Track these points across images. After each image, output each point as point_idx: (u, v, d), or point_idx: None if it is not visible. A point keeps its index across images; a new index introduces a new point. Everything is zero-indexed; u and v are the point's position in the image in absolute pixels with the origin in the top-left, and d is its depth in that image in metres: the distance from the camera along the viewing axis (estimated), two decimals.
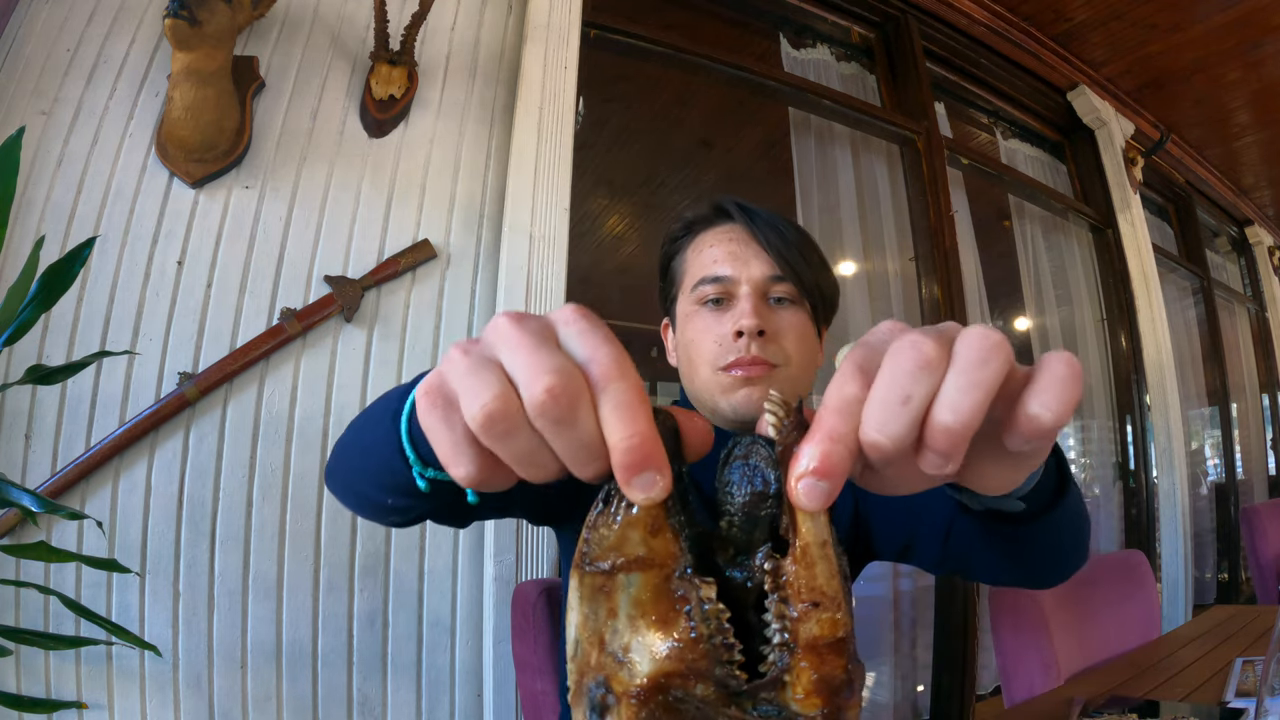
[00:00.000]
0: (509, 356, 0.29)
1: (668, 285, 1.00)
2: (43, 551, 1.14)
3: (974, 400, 0.29)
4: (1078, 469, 3.49)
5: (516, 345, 0.29)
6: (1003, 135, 3.35)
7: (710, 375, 0.89)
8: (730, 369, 0.87)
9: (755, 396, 0.86)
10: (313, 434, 1.54)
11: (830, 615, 0.29)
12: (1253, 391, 4.81)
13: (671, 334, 1.01)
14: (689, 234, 0.97)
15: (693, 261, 0.94)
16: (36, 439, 1.35)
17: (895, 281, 2.70)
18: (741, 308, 0.87)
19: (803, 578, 0.29)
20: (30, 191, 1.39)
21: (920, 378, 0.29)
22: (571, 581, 0.31)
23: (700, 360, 0.90)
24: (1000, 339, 0.30)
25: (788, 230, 0.92)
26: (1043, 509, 0.56)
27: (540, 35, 1.90)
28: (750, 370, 0.86)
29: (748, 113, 3.37)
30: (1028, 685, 1.41)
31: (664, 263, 1.01)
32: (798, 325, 0.91)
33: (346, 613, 1.53)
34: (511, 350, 0.29)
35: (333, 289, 1.59)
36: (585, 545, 0.30)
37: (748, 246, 0.91)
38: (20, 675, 1.29)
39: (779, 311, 0.90)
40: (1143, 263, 3.42)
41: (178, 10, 1.30)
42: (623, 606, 0.30)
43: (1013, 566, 0.71)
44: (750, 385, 0.87)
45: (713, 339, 0.89)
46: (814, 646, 0.29)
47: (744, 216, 0.93)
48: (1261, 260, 5.07)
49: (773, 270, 0.90)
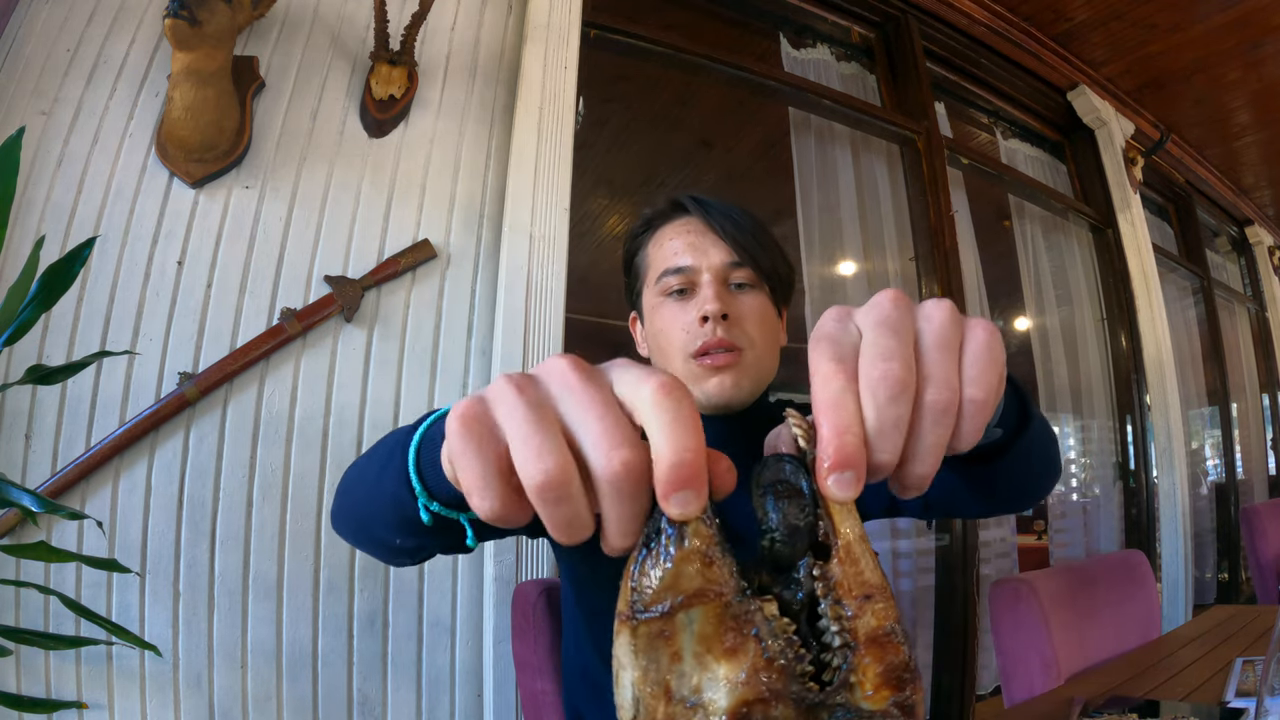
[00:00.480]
0: (577, 416, 0.30)
1: (632, 280, 1.04)
2: (43, 551, 1.14)
3: (940, 443, 0.33)
4: (1078, 468, 3.49)
5: (586, 405, 0.30)
6: (1003, 135, 3.35)
7: (682, 365, 0.93)
8: (700, 355, 0.91)
9: (727, 384, 0.91)
10: (313, 434, 1.54)
11: (883, 605, 0.30)
12: (1253, 391, 4.81)
13: (640, 327, 1.05)
14: (649, 230, 1.01)
15: (655, 255, 0.99)
16: (36, 439, 1.35)
17: (895, 281, 2.70)
18: (705, 294, 0.92)
19: (851, 574, 0.31)
20: (30, 191, 1.39)
21: (901, 400, 0.32)
22: (619, 639, 0.30)
23: (671, 349, 0.94)
24: (947, 338, 0.35)
25: (742, 218, 0.97)
26: (1012, 437, 0.58)
27: (540, 35, 1.90)
28: (718, 358, 0.91)
29: (748, 113, 3.37)
30: (1028, 685, 1.41)
31: (627, 259, 1.05)
32: (759, 308, 0.96)
33: (346, 613, 1.53)
34: (581, 410, 0.30)
35: (333, 289, 1.59)
36: (634, 595, 0.29)
37: (705, 236, 0.95)
38: (20, 675, 1.29)
39: (740, 296, 0.95)
40: (1143, 262, 3.42)
41: (178, 10, 1.30)
42: (687, 646, 0.29)
43: (996, 498, 0.75)
44: (721, 373, 0.91)
45: (680, 327, 0.93)
46: (874, 639, 0.30)
47: (699, 209, 0.97)
48: (1261, 260, 5.07)
49: (731, 257, 0.94)
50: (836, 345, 0.34)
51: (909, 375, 0.32)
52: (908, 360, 0.33)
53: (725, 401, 0.92)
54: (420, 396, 1.65)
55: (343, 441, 1.57)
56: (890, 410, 0.32)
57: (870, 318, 0.35)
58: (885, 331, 0.33)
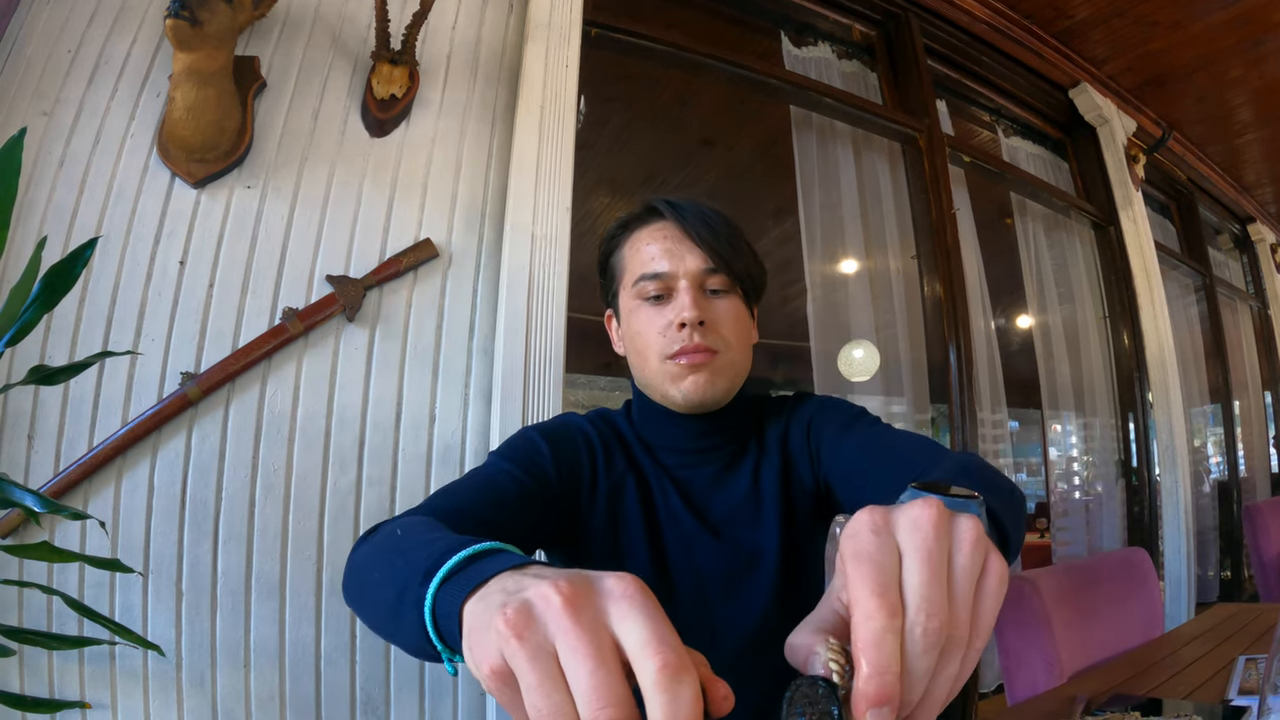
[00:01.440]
0: (570, 662, 0.34)
1: (608, 281, 1.06)
2: (46, 552, 1.15)
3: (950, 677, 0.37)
4: (1080, 466, 3.49)
5: (579, 655, 0.33)
6: (1004, 133, 3.35)
7: (659, 365, 0.95)
8: (677, 356, 0.93)
9: (701, 381, 0.93)
10: (315, 433, 1.55)
11: None
12: (1255, 389, 4.81)
13: (614, 324, 1.07)
14: (624, 231, 1.03)
15: (631, 259, 1.00)
16: (39, 439, 1.35)
17: (897, 279, 2.70)
18: (682, 301, 0.94)
19: None
20: (32, 192, 1.39)
21: (934, 652, 0.36)
22: None
23: (649, 352, 0.96)
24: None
25: (716, 222, 0.98)
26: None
27: (541, 34, 1.90)
28: (694, 357, 0.93)
29: (749, 111, 3.37)
30: (1030, 683, 1.41)
31: (602, 260, 1.07)
32: (733, 311, 0.98)
33: (349, 612, 1.53)
34: (574, 658, 0.34)
35: (335, 288, 1.59)
36: None
37: (681, 243, 0.97)
38: (24, 675, 1.29)
39: (715, 301, 0.97)
40: (1145, 260, 3.41)
41: (179, 11, 1.30)
42: None
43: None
44: (696, 372, 0.94)
45: (657, 331, 0.95)
46: None
47: (674, 213, 0.98)
48: (1264, 257, 5.06)
49: (706, 264, 0.96)
50: (879, 573, 0.36)
51: (944, 629, 0.36)
52: (945, 613, 0.36)
53: (701, 399, 0.94)
54: (422, 396, 1.65)
55: (345, 441, 1.57)
56: (923, 661, 0.35)
57: (913, 543, 0.37)
58: (930, 576, 0.36)
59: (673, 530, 0.97)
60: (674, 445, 1.01)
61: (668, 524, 0.98)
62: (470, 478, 0.90)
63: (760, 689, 0.96)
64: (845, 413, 1.01)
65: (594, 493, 0.98)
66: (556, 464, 0.95)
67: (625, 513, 0.98)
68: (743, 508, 0.99)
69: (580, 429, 1.02)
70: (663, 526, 0.98)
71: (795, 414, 1.04)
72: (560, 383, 1.72)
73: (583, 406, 4.73)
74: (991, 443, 2.75)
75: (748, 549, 0.97)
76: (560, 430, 1.01)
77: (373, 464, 1.59)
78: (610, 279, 1.05)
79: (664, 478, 1.00)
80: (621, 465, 1.00)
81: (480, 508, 0.83)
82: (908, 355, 2.65)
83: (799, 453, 1.01)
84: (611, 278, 1.05)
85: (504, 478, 0.89)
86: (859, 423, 0.98)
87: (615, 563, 0.96)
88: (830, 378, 2.51)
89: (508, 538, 0.72)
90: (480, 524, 0.79)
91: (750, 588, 0.96)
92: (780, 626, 0.41)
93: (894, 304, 2.66)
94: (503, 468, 0.90)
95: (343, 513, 1.54)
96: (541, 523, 0.92)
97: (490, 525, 0.81)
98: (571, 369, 1.81)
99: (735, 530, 0.98)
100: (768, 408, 1.08)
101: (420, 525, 0.67)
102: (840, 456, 0.94)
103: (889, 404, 2.61)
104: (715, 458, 1.00)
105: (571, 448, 0.98)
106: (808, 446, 1.01)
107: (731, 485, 1.00)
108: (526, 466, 0.92)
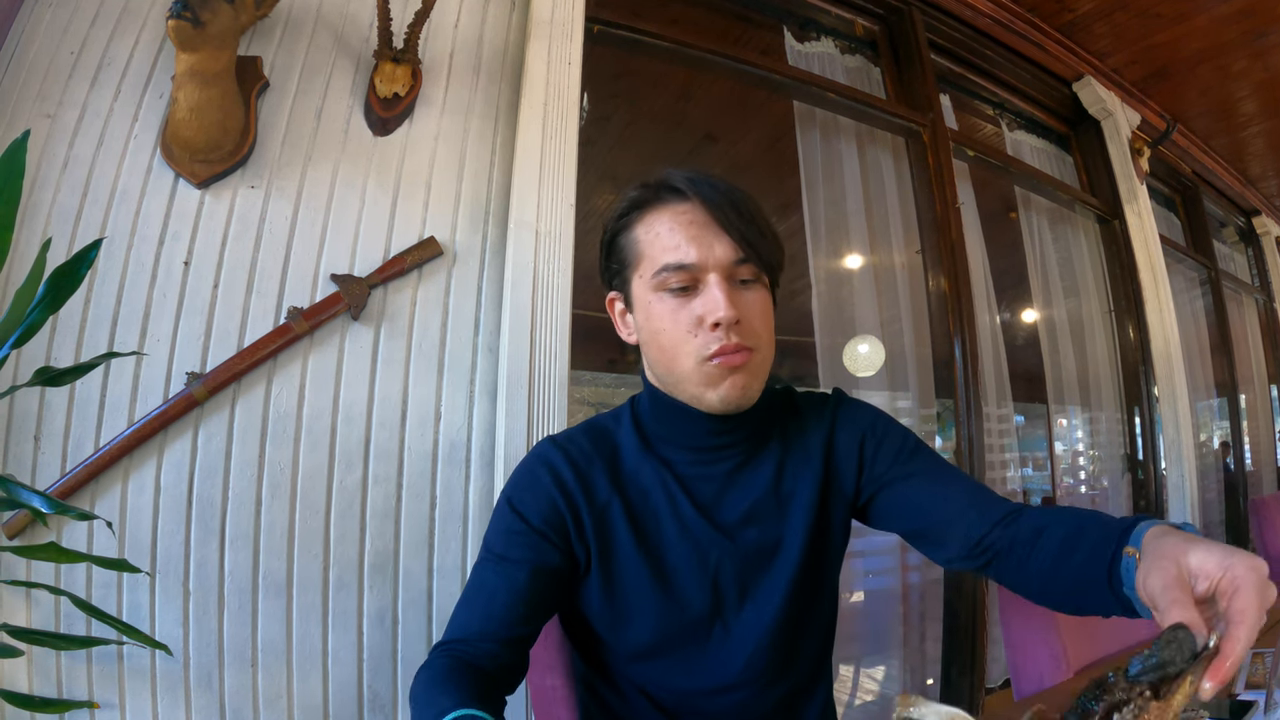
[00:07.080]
0: None
1: (615, 263, 0.96)
2: (53, 552, 1.15)
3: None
4: (1086, 460, 3.48)
5: None
6: (1008, 127, 3.34)
7: (695, 367, 0.89)
8: (714, 358, 0.88)
9: (739, 384, 0.89)
10: (321, 432, 1.55)
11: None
12: (1261, 382, 4.79)
13: (619, 307, 1.00)
14: (637, 211, 0.94)
15: (648, 243, 0.91)
16: (45, 440, 1.35)
17: (901, 274, 2.69)
18: (714, 297, 0.87)
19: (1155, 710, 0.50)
20: (36, 194, 1.39)
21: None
22: None
23: (678, 351, 0.89)
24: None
25: (743, 204, 0.90)
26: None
27: (544, 31, 1.90)
28: (733, 358, 0.87)
29: (752, 107, 3.36)
30: (1037, 678, 1.40)
31: (609, 239, 0.97)
32: (761, 304, 0.92)
33: (356, 610, 1.53)
34: None
35: (339, 287, 1.59)
36: None
37: (707, 229, 0.88)
38: (32, 675, 1.29)
39: (744, 294, 0.90)
40: (1150, 253, 3.40)
41: (181, 11, 1.30)
42: None
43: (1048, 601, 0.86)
44: (735, 373, 0.89)
45: (685, 329, 0.89)
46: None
47: (699, 195, 0.89)
48: (1269, 250, 5.04)
49: (736, 254, 0.88)
50: (1260, 619, 0.54)
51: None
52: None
53: (739, 402, 0.90)
54: (428, 393, 1.65)
55: (350, 439, 1.57)
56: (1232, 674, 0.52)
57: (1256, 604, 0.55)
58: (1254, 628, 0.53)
59: (679, 537, 0.95)
60: (689, 443, 0.97)
61: (671, 532, 0.95)
62: (480, 589, 0.92)
63: (788, 685, 0.96)
64: (901, 438, 1.01)
65: (581, 530, 0.94)
66: (541, 530, 0.93)
67: (615, 537, 0.95)
68: (762, 504, 0.97)
69: (548, 468, 0.96)
70: (665, 537, 0.95)
71: (842, 420, 1.02)
72: (565, 379, 1.72)
73: (588, 403, 4.76)
74: (997, 437, 2.75)
75: (767, 546, 0.96)
76: (528, 486, 0.96)
77: (379, 462, 1.59)
78: (618, 261, 0.96)
79: (670, 479, 0.97)
80: (604, 488, 0.96)
81: (499, 628, 0.88)
82: (913, 350, 2.64)
83: (846, 461, 1.00)
84: (620, 261, 0.95)
85: (502, 580, 0.91)
86: (918, 455, 0.99)
87: (617, 588, 0.95)
88: (835, 373, 2.50)
89: (539, 624, 0.90)
90: (503, 643, 0.88)
91: (768, 585, 0.95)
92: (795, 626, 0.42)
93: (899, 299, 2.66)
94: (502, 571, 0.91)
95: (349, 511, 1.54)
96: (555, 588, 0.93)
97: (515, 640, 0.89)
98: (577, 365, 1.81)
99: (752, 528, 0.96)
100: (795, 405, 1.05)
101: (436, 682, 0.80)
102: (909, 485, 0.96)
103: (894, 399, 2.60)
104: (731, 454, 0.97)
105: (546, 500, 0.94)
106: (859, 457, 0.99)
107: (749, 482, 0.97)
108: (520, 552, 0.92)
